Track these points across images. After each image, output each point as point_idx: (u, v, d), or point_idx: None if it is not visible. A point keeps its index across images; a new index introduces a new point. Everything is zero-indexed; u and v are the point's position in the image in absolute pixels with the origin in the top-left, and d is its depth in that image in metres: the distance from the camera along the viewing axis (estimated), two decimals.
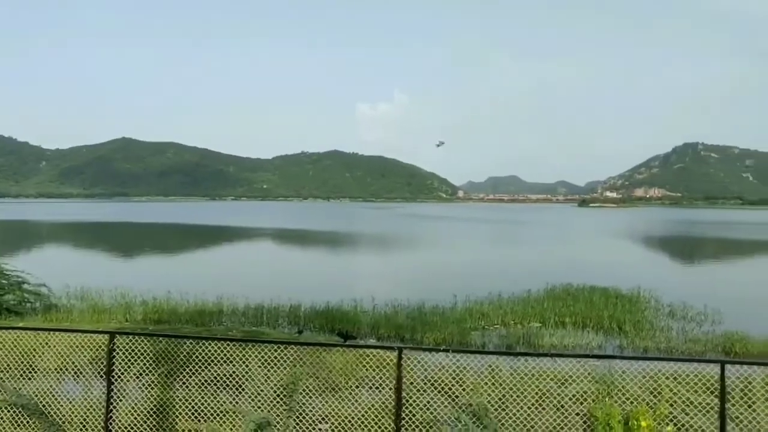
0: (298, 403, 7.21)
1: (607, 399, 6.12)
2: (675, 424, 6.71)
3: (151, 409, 7.29)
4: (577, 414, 7.37)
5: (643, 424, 5.00)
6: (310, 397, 7.59)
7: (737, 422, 6.86)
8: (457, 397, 7.86)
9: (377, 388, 8.15)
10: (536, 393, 7.88)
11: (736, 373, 8.50)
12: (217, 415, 7.24)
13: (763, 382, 8.16)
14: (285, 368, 7.38)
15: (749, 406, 7.47)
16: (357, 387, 8.94)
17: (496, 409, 7.36)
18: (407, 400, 6.87)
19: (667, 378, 9.14)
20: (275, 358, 7.36)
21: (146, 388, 7.51)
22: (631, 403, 6.97)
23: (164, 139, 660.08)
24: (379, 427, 6.91)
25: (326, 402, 7.83)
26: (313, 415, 7.35)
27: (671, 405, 7.92)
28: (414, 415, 6.75)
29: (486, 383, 7.90)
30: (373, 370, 8.35)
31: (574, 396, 8.01)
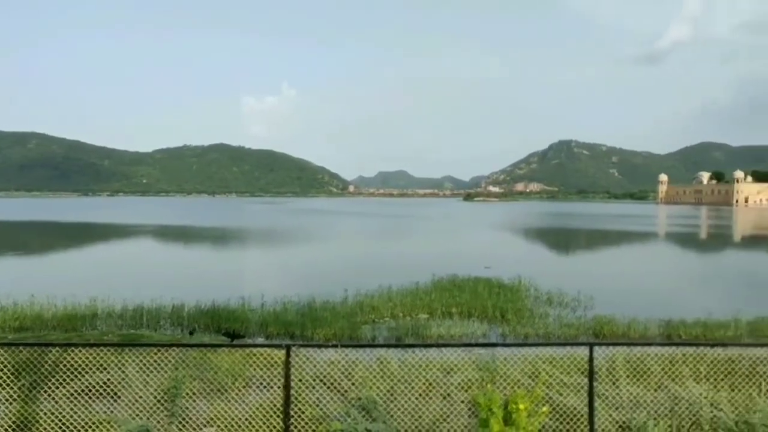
0: (181, 408, 6.90)
1: (488, 385, 6.37)
2: (550, 405, 7.11)
3: (11, 426, 6.65)
4: (462, 401, 7.61)
5: (521, 406, 5.24)
6: (195, 401, 7.28)
7: (603, 399, 7.40)
8: (346, 391, 7.88)
9: (266, 387, 7.99)
10: (424, 383, 8.08)
11: (603, 354, 9.20)
12: (89, 426, 6.73)
13: (625, 360, 8.86)
14: (167, 372, 7.04)
15: (614, 383, 8.10)
16: (245, 387, 8.71)
17: (385, 401, 7.44)
18: (296, 398, 6.78)
19: (544, 362, 9.71)
20: (156, 362, 6.99)
21: (4, 404, 6.84)
22: (512, 387, 7.29)
23: (25, 128, 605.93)
24: (268, 426, 6.77)
25: (212, 405, 7.55)
26: (198, 419, 7.06)
27: (548, 387, 8.41)
28: (303, 412, 6.67)
29: (375, 376, 7.98)
30: (262, 369, 8.18)
31: (459, 384, 8.29)
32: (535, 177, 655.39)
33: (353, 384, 7.89)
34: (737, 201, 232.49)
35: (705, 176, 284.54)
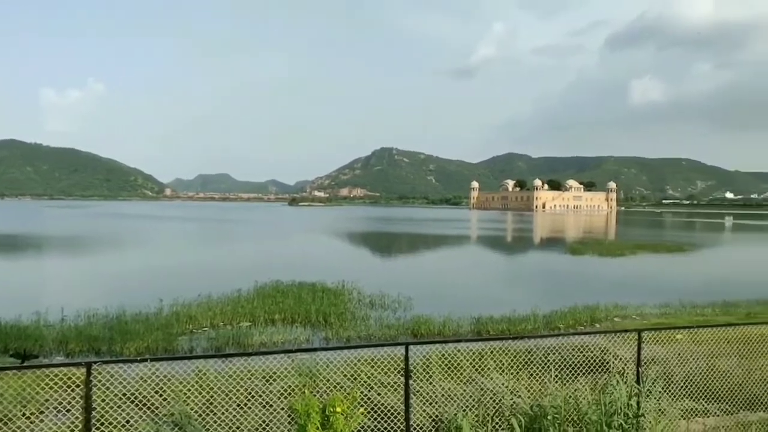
0: None
1: (306, 391, 6.32)
2: (369, 405, 7.26)
3: None
4: (283, 409, 7.48)
5: (338, 409, 5.26)
6: None
7: (419, 395, 7.73)
8: (157, 408, 7.35)
9: (64, 411, 7.16)
10: (244, 393, 7.82)
11: (419, 353, 9.63)
12: None
13: (439, 357, 9.37)
14: None
15: (429, 380, 8.51)
16: (37, 414, 7.75)
17: (201, 415, 7.08)
18: (100, 420, 6.17)
19: (365, 363, 9.92)
20: None
21: None
22: (333, 391, 7.32)
23: None
24: None
25: None
26: None
27: (367, 388, 8.59)
28: None
29: (191, 390, 7.56)
30: (58, 392, 7.32)
31: (281, 391, 8.15)
32: (359, 182, 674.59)
33: (165, 400, 7.39)
34: (537, 207, 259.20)
35: (510, 184, 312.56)
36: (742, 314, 20.94)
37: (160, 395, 7.50)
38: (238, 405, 7.48)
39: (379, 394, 8.18)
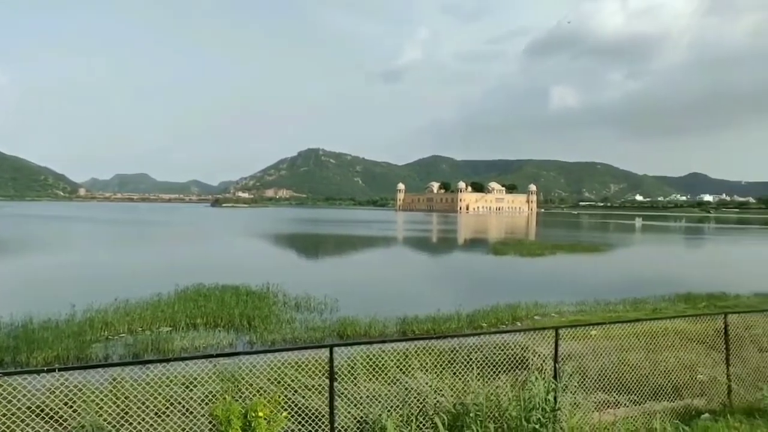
0: None
1: (227, 396, 6.15)
2: (293, 408, 7.16)
3: None
4: (204, 415, 7.26)
5: (261, 414, 5.16)
6: None
7: (344, 397, 7.69)
8: (66, 420, 6.96)
9: None
10: (163, 400, 7.54)
11: (345, 354, 9.60)
12: None
13: (365, 358, 9.36)
14: None
15: (354, 381, 8.48)
16: None
17: (114, 425, 6.76)
18: None
19: (290, 366, 9.78)
20: None
21: None
22: (257, 395, 7.17)
23: None
24: None
25: None
26: None
27: (292, 391, 8.48)
28: None
29: (106, 399, 7.22)
30: None
31: (201, 398, 7.90)
32: (285, 183, 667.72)
33: (75, 412, 7.00)
34: (461, 208, 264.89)
35: (435, 186, 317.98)
36: (650, 310, 22.20)
37: (70, 407, 7.11)
38: (156, 413, 7.20)
39: (303, 398, 8.09)
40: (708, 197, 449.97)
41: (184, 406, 7.46)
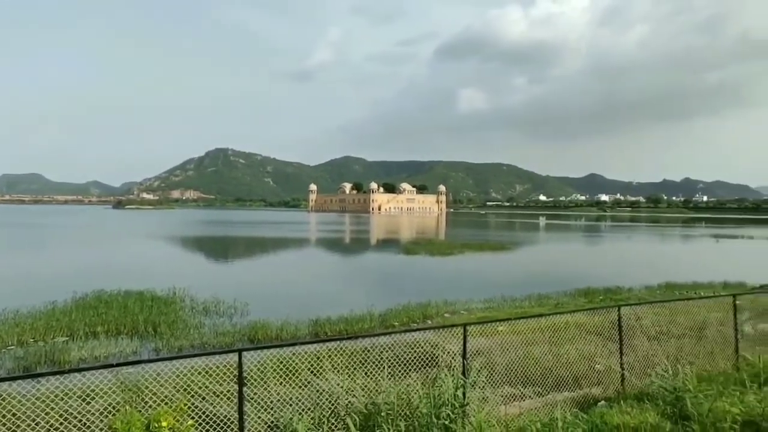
0: None
1: (127, 407, 5.85)
2: (201, 416, 6.93)
3: None
4: (103, 429, 6.88)
5: (164, 423, 4.94)
6: None
7: (254, 402, 7.52)
8: None
9: None
10: (57, 416, 7.06)
11: (255, 358, 9.39)
12: None
13: (276, 362, 9.20)
14: None
15: (264, 385, 8.31)
16: None
17: None
18: None
19: (198, 373, 9.46)
20: None
21: None
22: (162, 405, 6.89)
23: None
24: None
25: None
26: None
27: (201, 399, 8.19)
28: None
29: None
30: None
31: (101, 410, 7.48)
32: (192, 184, 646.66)
33: None
34: (373, 209, 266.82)
35: (348, 187, 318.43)
36: (552, 305, 23.28)
37: None
38: (48, 430, 6.74)
39: (212, 405, 7.84)
40: (604, 197, 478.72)
41: (80, 421, 7.03)
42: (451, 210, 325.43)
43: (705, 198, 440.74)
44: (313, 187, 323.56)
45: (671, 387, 7.92)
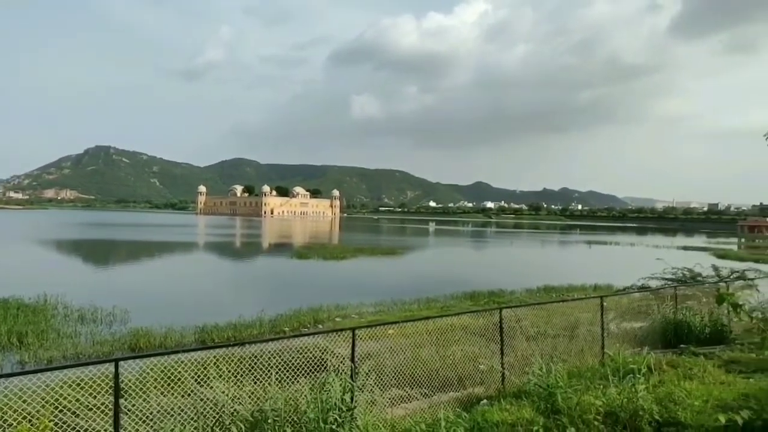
0: None
1: None
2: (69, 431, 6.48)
3: None
4: None
5: None
6: None
7: (132, 414, 7.14)
8: None
9: None
10: None
11: (135, 368, 8.91)
12: None
13: (159, 371, 8.78)
14: None
15: (145, 396, 7.91)
16: None
17: None
18: None
19: (71, 386, 8.81)
20: None
21: None
22: (22, 422, 6.39)
23: None
24: None
25: None
26: None
27: (74, 414, 7.64)
28: None
29: None
30: None
31: None
32: (69, 183, 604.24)
33: None
34: (265, 212, 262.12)
35: (239, 189, 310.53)
36: (439, 308, 24.03)
37: None
38: None
39: (85, 419, 7.34)
40: (490, 204, 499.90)
41: None
42: (345, 215, 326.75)
43: (580, 207, 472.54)
44: (202, 188, 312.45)
45: (545, 384, 8.42)
